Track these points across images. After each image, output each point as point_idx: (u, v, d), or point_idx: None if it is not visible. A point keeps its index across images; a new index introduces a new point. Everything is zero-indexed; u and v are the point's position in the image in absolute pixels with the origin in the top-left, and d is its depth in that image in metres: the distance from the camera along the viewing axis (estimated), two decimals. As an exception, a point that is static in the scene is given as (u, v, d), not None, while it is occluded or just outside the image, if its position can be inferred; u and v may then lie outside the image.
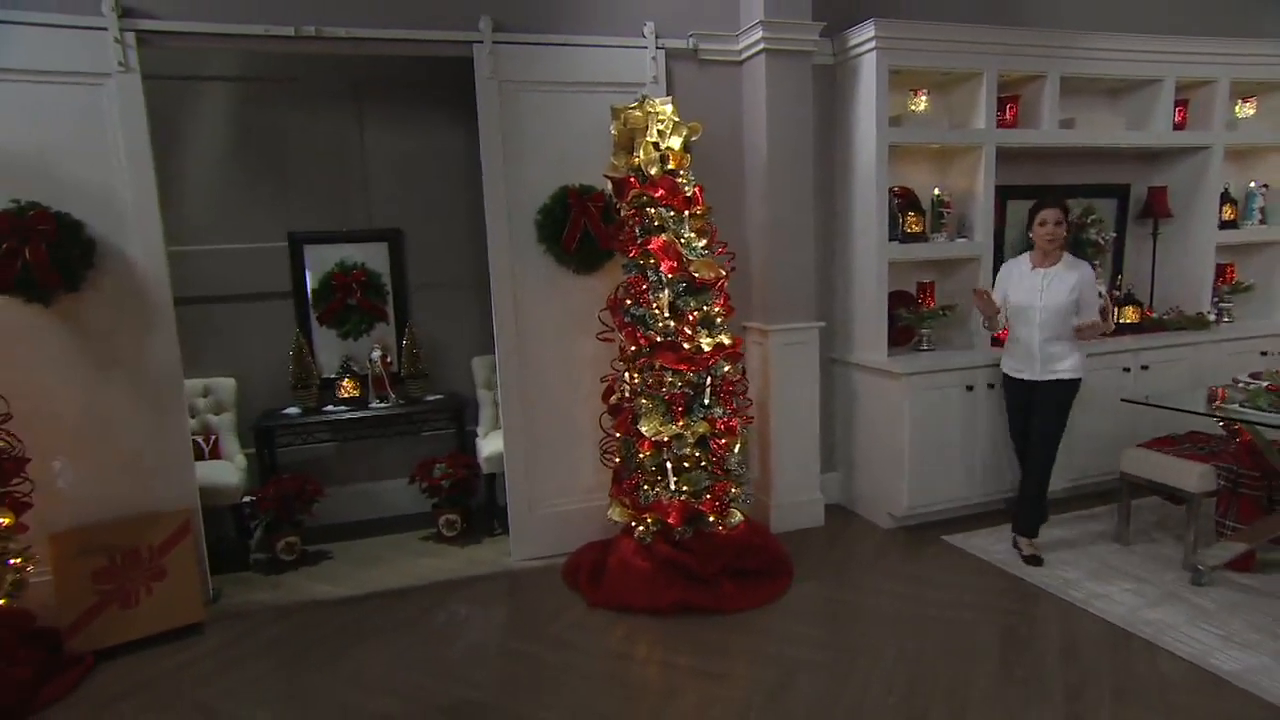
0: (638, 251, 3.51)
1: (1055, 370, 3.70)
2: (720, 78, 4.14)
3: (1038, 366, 3.72)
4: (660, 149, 3.47)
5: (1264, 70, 4.78)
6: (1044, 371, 3.72)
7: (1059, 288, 3.67)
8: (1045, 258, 3.73)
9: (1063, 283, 3.66)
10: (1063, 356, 3.70)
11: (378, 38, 3.55)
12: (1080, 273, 3.69)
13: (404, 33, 3.59)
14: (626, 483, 3.65)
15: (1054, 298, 3.66)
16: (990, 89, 4.19)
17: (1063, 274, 3.69)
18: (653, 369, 3.53)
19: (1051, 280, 3.70)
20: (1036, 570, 3.65)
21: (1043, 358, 3.71)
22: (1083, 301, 3.66)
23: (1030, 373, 3.75)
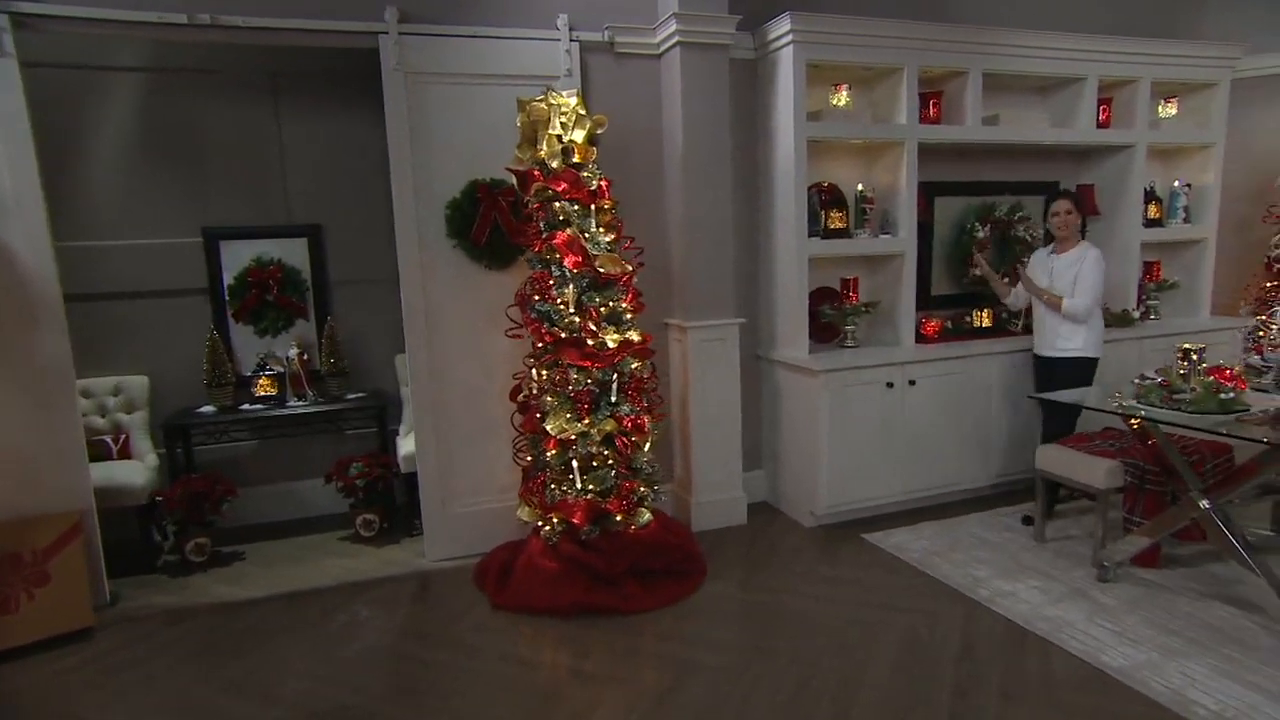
0: (542, 246, 3.46)
1: (1065, 348, 4.01)
2: (638, 71, 4.09)
3: (1045, 343, 4.09)
4: (563, 142, 3.41)
5: (1184, 71, 4.80)
6: (1050, 348, 4.07)
7: (1066, 271, 4.02)
8: (1062, 244, 4.10)
9: (1068, 264, 4.02)
10: (1071, 335, 4.00)
11: (277, 27, 3.47)
12: (1085, 254, 4.00)
13: (305, 23, 3.51)
14: (534, 482, 3.60)
15: (1060, 282, 4.02)
16: (911, 85, 4.17)
17: (1071, 260, 4.03)
18: (558, 366, 3.48)
19: (1062, 265, 4.06)
20: (947, 568, 3.64)
21: (1051, 335, 4.06)
22: (1079, 279, 3.95)
23: (1042, 349, 4.13)
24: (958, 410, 4.30)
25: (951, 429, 4.30)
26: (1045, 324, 4.10)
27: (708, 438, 4.19)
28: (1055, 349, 4.05)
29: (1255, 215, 5.17)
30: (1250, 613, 3.05)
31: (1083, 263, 3.96)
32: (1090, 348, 4.03)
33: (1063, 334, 4.02)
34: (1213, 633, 2.98)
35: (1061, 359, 4.03)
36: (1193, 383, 2.92)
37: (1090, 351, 4.04)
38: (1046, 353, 4.10)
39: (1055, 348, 4.05)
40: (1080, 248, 4.04)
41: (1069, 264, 4.02)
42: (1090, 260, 3.97)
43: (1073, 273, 3.98)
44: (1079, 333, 4.00)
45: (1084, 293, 3.94)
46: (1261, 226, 5.11)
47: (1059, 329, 4.03)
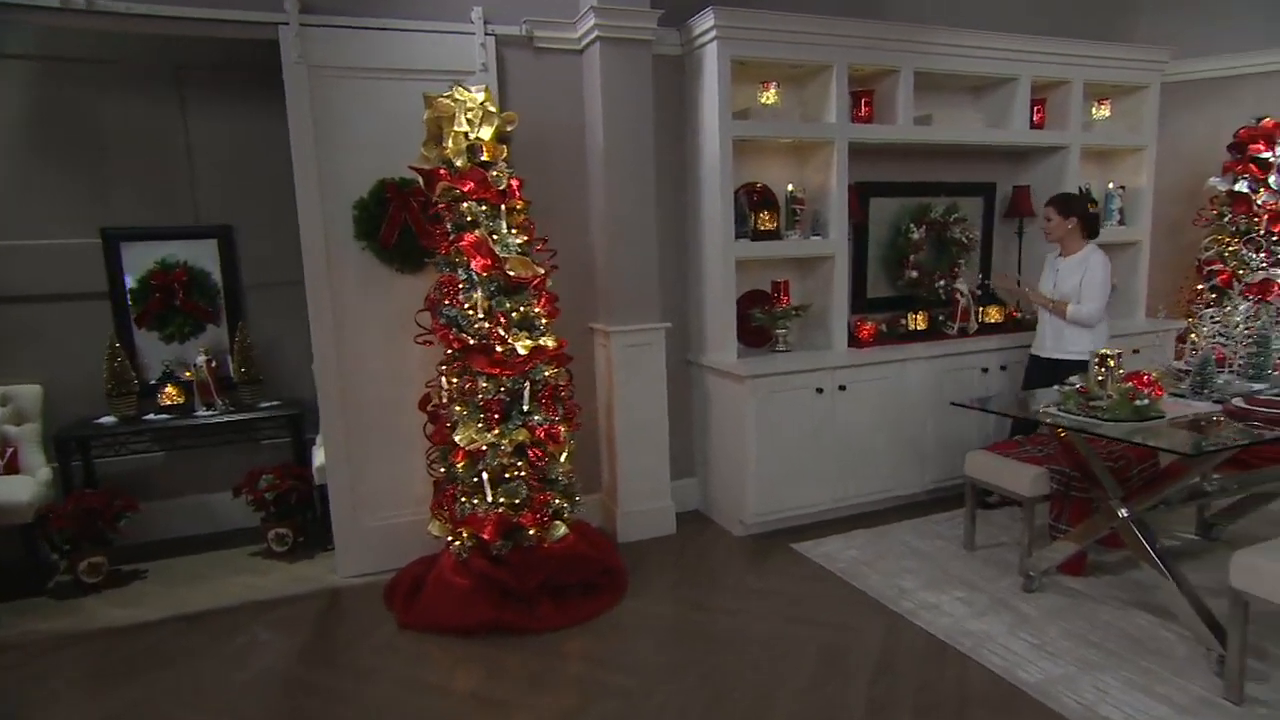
0: (449, 248, 3.30)
1: (1072, 351, 3.97)
2: (559, 67, 3.95)
3: (1048, 344, 4.07)
4: (470, 139, 3.26)
5: (1114, 73, 4.78)
6: (1055, 350, 4.04)
7: (1069, 275, 4.00)
8: (1065, 248, 4.05)
9: (1071, 272, 3.99)
10: (1078, 338, 3.96)
11: (166, 15, 3.27)
12: (1089, 259, 3.96)
13: (198, 11, 3.31)
14: (445, 495, 3.44)
15: (1065, 285, 4.00)
16: (841, 83, 4.08)
17: (1074, 264, 4.00)
18: (467, 374, 3.33)
19: (1065, 268, 4.03)
20: (874, 578, 3.54)
21: (1056, 338, 4.05)
22: (1083, 284, 3.93)
23: (1045, 350, 4.09)
24: (890, 416, 4.22)
25: (884, 435, 4.22)
26: (1050, 326, 4.07)
27: (634, 446, 4.06)
28: (1063, 351, 4.00)
29: (1187, 218, 5.18)
30: (1168, 621, 3.00)
31: (1087, 268, 3.92)
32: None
33: (1069, 337, 3.99)
34: (1131, 643, 2.91)
35: (1067, 361, 3.95)
36: (1109, 389, 2.85)
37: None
38: (1051, 354, 4.05)
39: (1063, 350, 4.00)
40: (1084, 251, 4.00)
41: (1073, 268, 3.98)
42: (1095, 265, 3.93)
43: (1077, 277, 3.94)
44: (1086, 336, 3.96)
45: (1091, 298, 3.92)
46: (1193, 229, 5.11)
47: (1066, 332, 4.00)
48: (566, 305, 4.01)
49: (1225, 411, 2.91)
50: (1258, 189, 4.77)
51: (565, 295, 4.00)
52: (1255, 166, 4.76)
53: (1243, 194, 4.79)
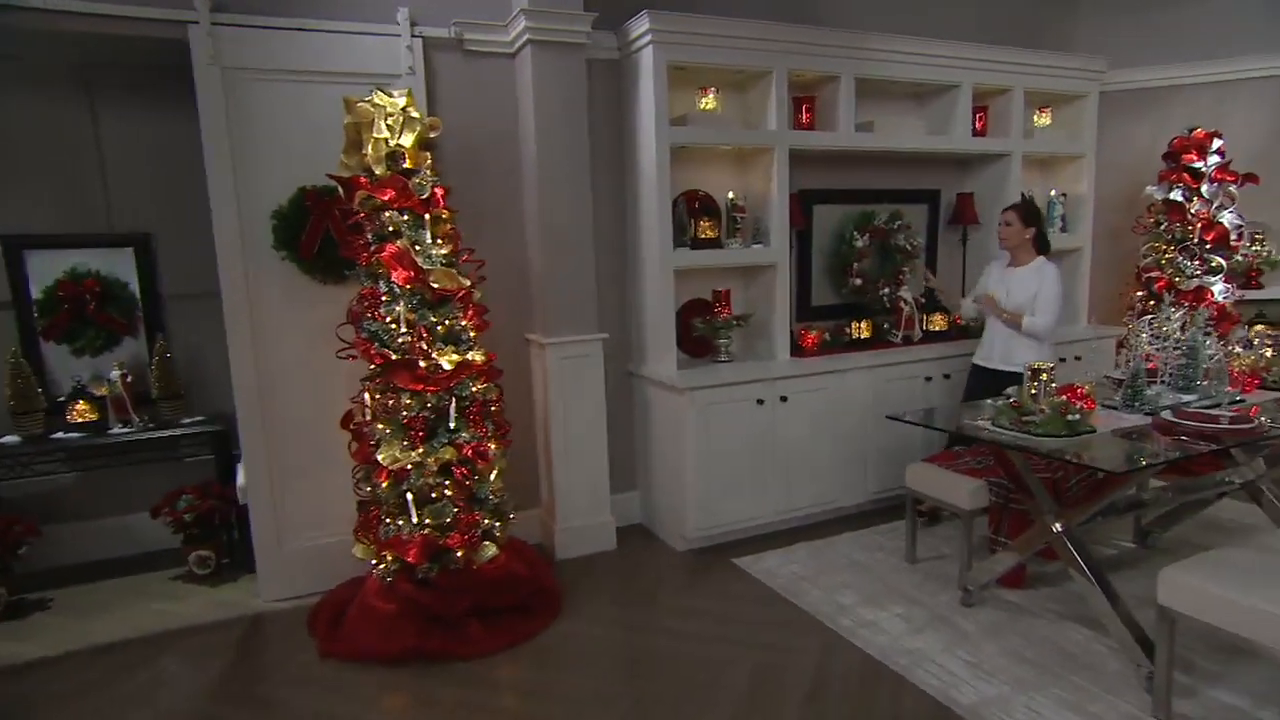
0: (369, 259, 3.16)
1: (1014, 362, 3.88)
2: (492, 71, 3.83)
3: (996, 357, 4.00)
4: (390, 146, 3.12)
5: (1054, 82, 4.80)
6: (1002, 361, 3.97)
7: (1021, 287, 3.92)
8: (1016, 257, 4.00)
9: (1025, 281, 3.92)
10: (1023, 352, 3.88)
11: (61, 10, 3.08)
12: (1044, 272, 3.90)
13: (95, 6, 3.13)
14: (368, 516, 3.30)
15: (1016, 297, 3.92)
16: (781, 89, 4.02)
17: (1027, 276, 3.93)
18: (390, 390, 3.19)
19: (1017, 280, 3.96)
20: (814, 594, 3.48)
21: (1002, 350, 3.98)
22: (1039, 297, 3.86)
23: (992, 362, 4.01)
24: (832, 426, 4.17)
25: (826, 446, 4.17)
26: (999, 338, 4.00)
27: (572, 460, 3.95)
28: (1010, 364, 3.91)
29: (1127, 225, 5.22)
30: (1102, 634, 2.97)
31: (1043, 280, 3.86)
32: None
33: (1018, 349, 3.91)
34: (1065, 659, 2.88)
35: (1012, 374, 3.82)
36: (1042, 403, 2.82)
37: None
38: (999, 366, 3.97)
39: (1010, 362, 3.92)
40: (1037, 263, 3.94)
41: (1026, 280, 3.91)
42: (1051, 278, 3.88)
43: (1030, 289, 3.87)
44: (1034, 349, 3.90)
45: (1047, 311, 3.87)
46: (1132, 236, 5.16)
47: (1016, 344, 3.92)
48: (502, 316, 3.91)
49: (1154, 425, 2.90)
50: (1191, 198, 4.82)
51: (501, 306, 3.89)
52: (1189, 176, 4.81)
53: (1177, 203, 4.83)
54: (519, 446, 4.04)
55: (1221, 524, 4.04)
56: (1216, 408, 2.97)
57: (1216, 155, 4.84)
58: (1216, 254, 4.82)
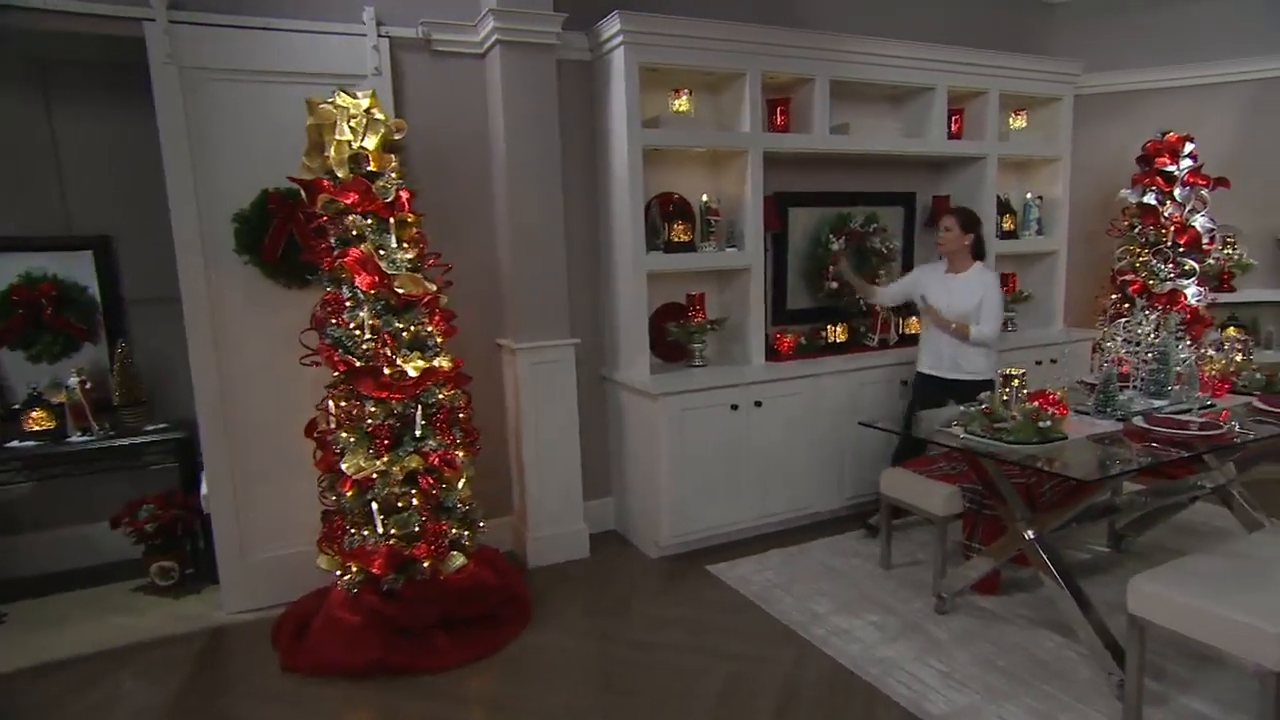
0: (333, 264, 3.09)
1: (966, 371, 3.89)
2: (461, 72, 3.77)
3: (946, 364, 3.95)
4: (354, 148, 3.05)
5: (1029, 85, 4.80)
6: (954, 370, 3.93)
7: (964, 295, 3.88)
8: (954, 264, 3.96)
9: (968, 290, 3.88)
10: (974, 358, 3.89)
11: (10, 4, 2.99)
12: (985, 280, 3.88)
13: (48, 1, 3.03)
14: (332, 526, 3.23)
15: (959, 304, 3.88)
16: (754, 91, 3.98)
17: (970, 282, 3.90)
18: (354, 398, 3.12)
19: (959, 287, 3.91)
20: (788, 602, 3.44)
21: (950, 359, 3.93)
22: (983, 306, 3.82)
23: (938, 370, 3.97)
24: (808, 431, 4.14)
25: (802, 451, 4.14)
26: (946, 346, 3.94)
27: (544, 467, 3.89)
28: (961, 371, 3.90)
29: (1102, 228, 5.23)
30: (1074, 641, 2.95)
31: (986, 288, 3.84)
32: (990, 370, 3.89)
33: (968, 357, 3.89)
34: (1036, 666, 2.86)
35: (964, 381, 3.87)
36: (1014, 410, 2.79)
37: (991, 374, 3.86)
38: (947, 374, 3.94)
39: (961, 370, 3.90)
40: (977, 270, 3.92)
41: (967, 287, 3.88)
42: (993, 285, 3.87)
43: (974, 297, 3.85)
44: (982, 355, 3.90)
45: (992, 319, 3.85)
46: (1107, 239, 5.17)
47: (962, 351, 3.89)
48: (473, 321, 3.85)
49: (1125, 431, 2.88)
50: (1164, 201, 4.83)
51: (471, 310, 3.84)
52: (1161, 179, 4.82)
53: (1151, 206, 4.84)
54: (491, 453, 3.98)
55: (1195, 527, 4.05)
56: (1187, 413, 2.96)
57: (1189, 159, 4.85)
58: (1189, 257, 4.84)
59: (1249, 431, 2.89)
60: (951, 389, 3.88)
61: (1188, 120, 5.10)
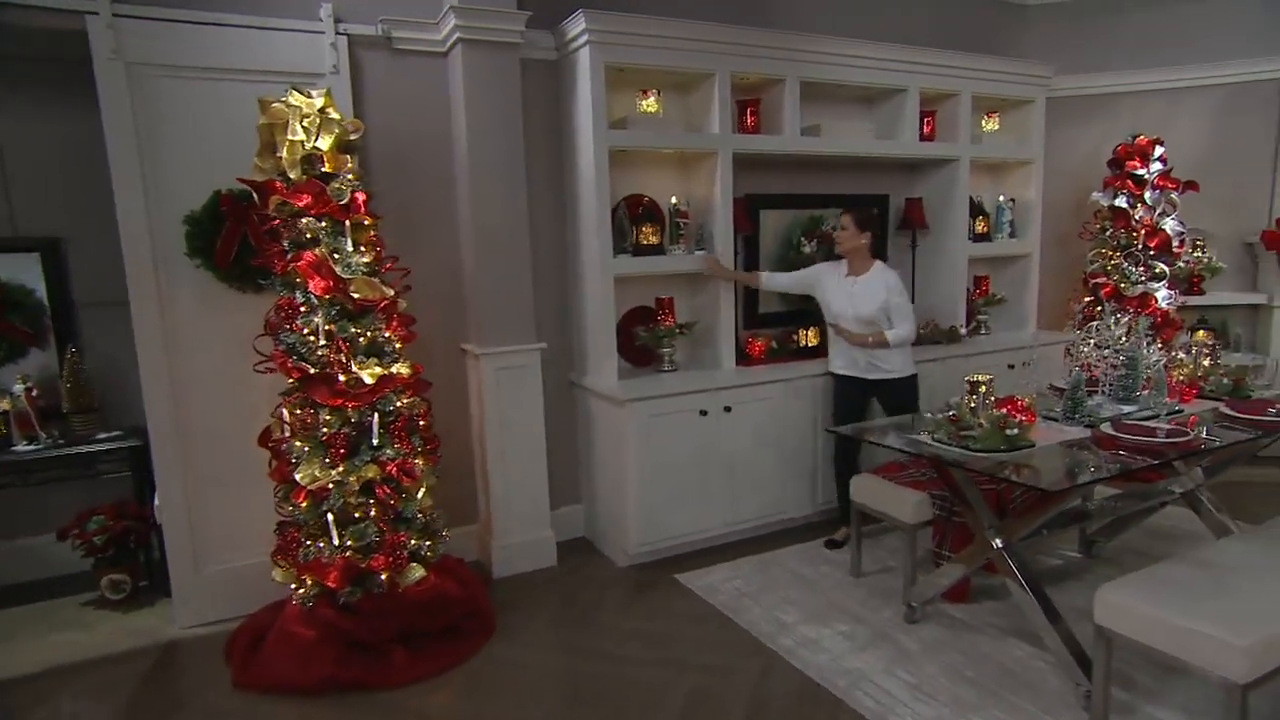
0: (285, 268, 2.99)
1: (884, 370, 3.85)
2: (423, 71, 3.68)
3: (862, 366, 3.88)
4: (307, 149, 2.96)
5: (1001, 87, 4.78)
6: (871, 370, 3.87)
7: (867, 296, 3.80)
8: (855, 265, 3.88)
9: (871, 292, 3.80)
10: (887, 357, 3.83)
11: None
12: (887, 280, 3.81)
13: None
14: (287, 537, 3.13)
15: (863, 306, 3.80)
16: (723, 91, 3.92)
17: (871, 283, 3.82)
18: (308, 405, 3.02)
19: (861, 289, 3.83)
20: (756, 612, 3.39)
21: (865, 361, 3.87)
22: (891, 308, 3.76)
23: (858, 371, 3.90)
24: (779, 436, 4.09)
25: (772, 456, 4.08)
26: (856, 351, 3.89)
27: (509, 475, 3.81)
28: (878, 371, 3.87)
29: (1075, 231, 5.23)
30: (1043, 650, 2.91)
31: (890, 290, 3.79)
32: (908, 366, 3.93)
33: (881, 355, 3.86)
34: (1006, 677, 2.82)
35: (889, 380, 3.88)
36: (980, 417, 2.75)
37: (911, 368, 3.95)
38: (865, 375, 3.91)
39: (878, 370, 3.87)
40: (878, 270, 3.87)
41: (871, 288, 3.82)
42: (897, 285, 3.83)
43: (877, 298, 3.79)
44: (898, 353, 3.87)
45: (905, 318, 3.81)
46: (1079, 242, 5.17)
47: (876, 352, 3.85)
48: (436, 325, 3.77)
49: (1094, 438, 2.85)
50: (1135, 204, 4.83)
51: (434, 314, 3.76)
52: (1132, 182, 4.82)
53: (1122, 209, 4.85)
54: (456, 460, 3.90)
55: (1166, 531, 4.04)
56: (1155, 419, 2.94)
57: (1159, 162, 4.86)
58: (1160, 260, 4.84)
59: (1216, 438, 2.86)
60: (874, 389, 3.88)
61: (1158, 124, 5.11)
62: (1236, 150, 5.16)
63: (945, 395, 4.41)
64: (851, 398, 3.94)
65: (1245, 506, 4.20)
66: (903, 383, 3.92)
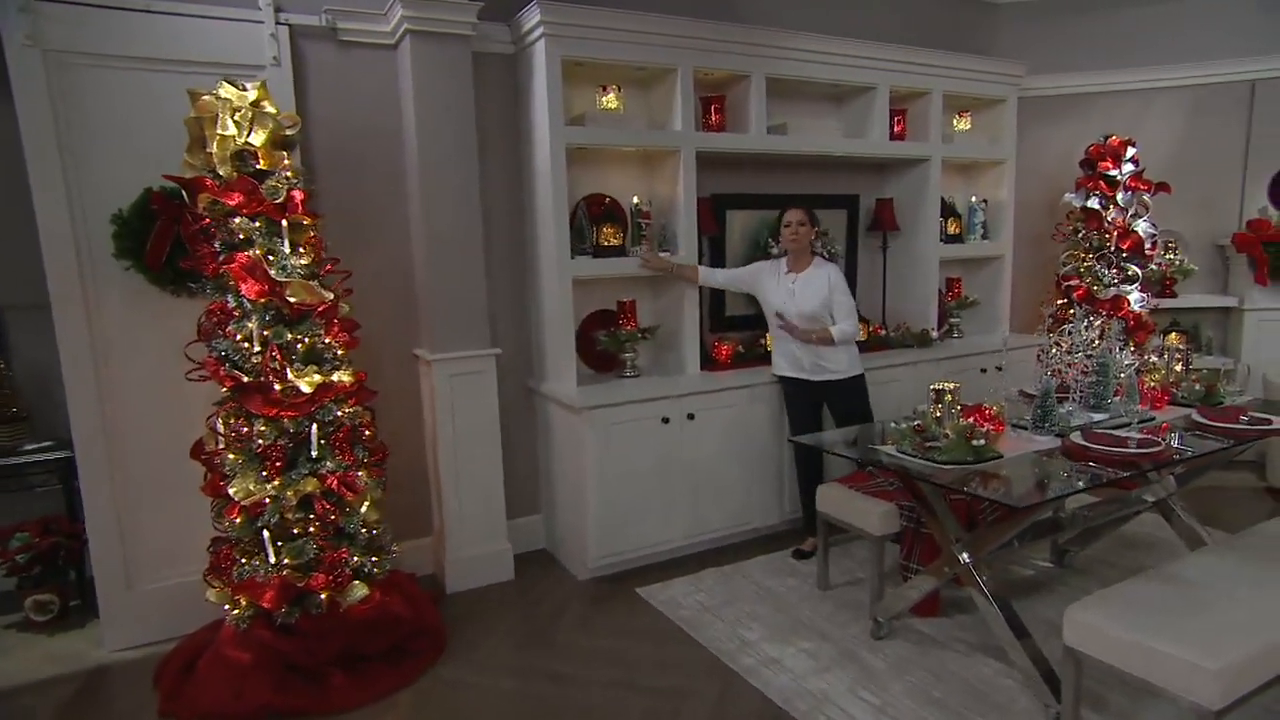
0: (216, 270, 2.82)
1: (830, 371, 3.71)
2: (372, 63, 3.52)
3: (807, 368, 3.73)
4: (239, 144, 2.78)
5: (973, 85, 4.69)
6: (817, 372, 3.72)
7: (809, 293, 3.67)
8: (797, 261, 3.74)
9: (813, 288, 3.67)
10: (830, 356, 3.69)
11: None
12: (829, 275, 3.68)
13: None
14: (220, 555, 2.95)
15: (806, 303, 3.66)
16: (686, 87, 3.79)
17: (813, 280, 3.69)
18: (242, 416, 2.85)
19: (805, 284, 3.70)
20: (718, 628, 3.26)
21: (811, 362, 3.72)
22: (834, 305, 3.63)
23: (803, 373, 3.75)
24: (745, 444, 3.96)
25: (738, 464, 3.96)
26: (795, 348, 3.74)
27: (463, 486, 3.65)
28: (824, 372, 3.72)
29: (1048, 232, 5.16)
30: (1012, 668, 2.80)
31: (832, 286, 3.65)
32: (854, 364, 3.79)
33: (828, 356, 3.70)
34: (974, 697, 2.71)
35: (832, 382, 3.73)
36: (946, 427, 2.64)
37: (858, 368, 3.80)
38: (811, 377, 3.75)
39: (824, 371, 3.72)
40: (818, 266, 3.73)
41: (811, 285, 3.67)
42: (839, 279, 3.69)
43: (820, 294, 3.65)
44: (843, 351, 3.73)
45: (849, 314, 3.68)
46: (1053, 244, 5.09)
47: (819, 351, 3.70)
48: (387, 330, 3.63)
49: (1064, 448, 2.74)
50: (1107, 206, 4.76)
51: (385, 319, 3.61)
52: (1104, 183, 4.75)
53: (1094, 210, 4.77)
54: (409, 471, 3.75)
55: (1139, 540, 3.96)
56: (1127, 427, 2.84)
57: (1131, 163, 4.79)
58: (1132, 262, 4.77)
59: (1188, 448, 2.77)
60: (821, 391, 3.76)
61: (1130, 124, 5.05)
62: (1208, 151, 5.11)
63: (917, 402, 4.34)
64: (802, 401, 3.81)
65: (1218, 513, 4.14)
66: (849, 384, 3.77)
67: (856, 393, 3.79)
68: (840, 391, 3.75)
